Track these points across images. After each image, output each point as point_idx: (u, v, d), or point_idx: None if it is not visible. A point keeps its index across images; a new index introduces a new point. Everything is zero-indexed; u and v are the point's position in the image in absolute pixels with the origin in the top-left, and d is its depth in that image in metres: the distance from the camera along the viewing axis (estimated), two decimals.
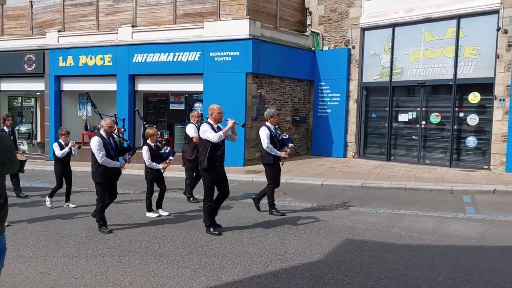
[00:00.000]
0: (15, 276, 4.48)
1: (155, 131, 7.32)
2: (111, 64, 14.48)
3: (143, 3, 14.46)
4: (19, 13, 16.83)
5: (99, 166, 6.18)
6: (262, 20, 13.16)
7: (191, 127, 8.29)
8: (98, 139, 6.20)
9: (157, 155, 7.12)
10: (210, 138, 5.83)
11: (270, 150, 7.02)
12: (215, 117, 6.04)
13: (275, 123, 7.32)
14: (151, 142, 7.16)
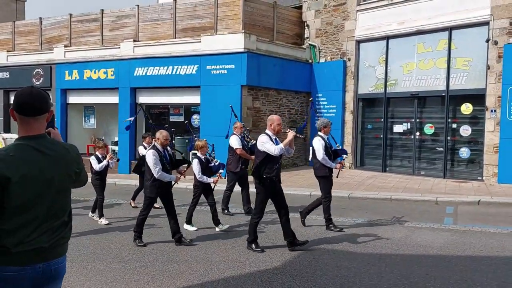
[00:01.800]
0: None
1: (205, 142, 7.05)
2: (114, 77, 14.98)
3: (145, 18, 14.97)
4: (30, 29, 17.59)
5: (154, 181, 5.97)
6: (259, 34, 13.47)
7: (234, 139, 8.05)
8: (154, 152, 5.97)
9: (207, 168, 6.89)
10: (270, 151, 5.49)
11: (325, 161, 6.67)
12: (274, 128, 5.68)
13: (328, 133, 7.02)
14: (201, 154, 6.91)
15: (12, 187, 2.06)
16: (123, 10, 15.48)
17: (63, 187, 2.29)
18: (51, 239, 2.20)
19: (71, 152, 2.36)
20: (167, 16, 14.58)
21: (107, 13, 15.66)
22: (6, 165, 2.06)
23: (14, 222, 2.10)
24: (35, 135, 2.21)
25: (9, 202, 2.07)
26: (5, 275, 2.10)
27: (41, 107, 2.21)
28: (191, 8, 14.20)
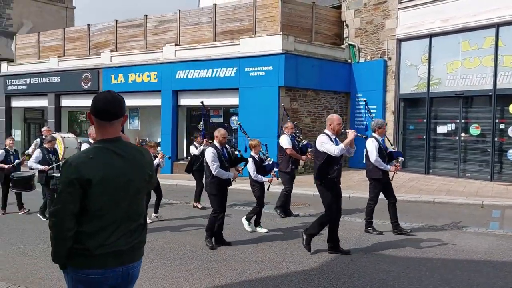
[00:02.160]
0: (37, 273, 5.12)
1: (258, 142, 7.01)
2: (157, 80, 15.47)
3: (186, 22, 15.37)
4: (78, 35, 18.49)
5: (213, 178, 6.01)
6: (297, 35, 13.49)
7: (284, 139, 8.01)
8: (213, 150, 6.02)
9: (261, 167, 6.88)
10: (330, 151, 5.34)
11: (378, 164, 6.47)
12: (333, 127, 5.52)
13: (383, 135, 6.81)
14: (255, 154, 6.91)
15: (92, 189, 2.10)
16: (165, 15, 15.96)
17: (139, 190, 2.30)
18: (129, 242, 2.22)
19: (145, 155, 2.39)
20: (207, 19, 14.89)
21: (150, 18, 16.20)
22: (87, 168, 2.10)
23: (94, 225, 2.14)
24: (111, 138, 2.24)
25: (89, 205, 2.11)
26: (89, 277, 2.15)
27: (117, 112, 2.25)
28: (230, 11, 14.43)
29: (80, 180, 2.08)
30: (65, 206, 2.10)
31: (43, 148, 8.27)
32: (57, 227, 2.13)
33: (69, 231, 2.12)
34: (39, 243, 6.41)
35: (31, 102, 19.77)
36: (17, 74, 19.57)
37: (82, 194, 2.10)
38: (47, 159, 8.06)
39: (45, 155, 8.07)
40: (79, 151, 2.66)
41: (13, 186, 8.39)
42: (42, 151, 8.14)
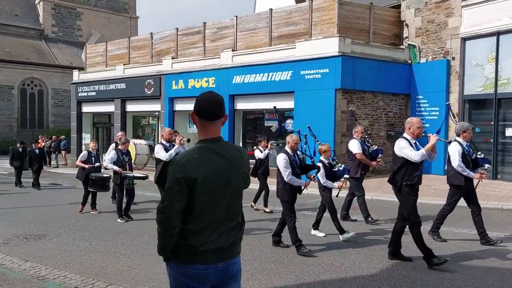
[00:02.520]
0: (108, 268, 5.51)
1: (328, 147, 6.84)
2: (214, 85, 15.92)
3: (243, 28, 15.69)
4: (142, 44, 19.49)
5: (285, 184, 5.93)
6: (354, 37, 13.32)
7: (354, 143, 7.79)
8: (285, 156, 5.92)
9: (330, 173, 6.67)
10: (411, 157, 5.07)
11: (461, 169, 6.09)
12: (413, 131, 5.24)
13: (468, 140, 6.38)
14: (325, 159, 6.74)
15: (197, 188, 2.19)
16: (223, 22, 16.40)
17: (238, 189, 2.38)
18: (229, 240, 2.31)
19: (243, 155, 2.44)
20: (263, 24, 15.11)
21: (208, 26, 16.72)
22: (193, 167, 2.19)
23: (198, 223, 2.24)
24: (213, 138, 2.31)
25: (193, 203, 2.21)
26: (192, 272, 2.26)
27: (219, 112, 2.32)
28: (286, 15, 14.54)
29: (187, 179, 2.17)
30: (172, 204, 2.21)
31: (117, 150, 8.77)
32: (164, 224, 2.25)
33: (175, 228, 2.23)
34: (109, 240, 6.87)
35: (99, 107, 21.11)
36: (87, 82, 20.99)
37: (188, 193, 2.20)
38: (121, 160, 8.53)
39: (119, 156, 8.54)
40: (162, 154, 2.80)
41: (91, 185, 9.04)
42: (116, 152, 8.63)
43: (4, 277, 5.16)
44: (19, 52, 31.55)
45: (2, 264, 5.67)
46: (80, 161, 9.47)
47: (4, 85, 30.49)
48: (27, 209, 9.81)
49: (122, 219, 8.37)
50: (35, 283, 4.96)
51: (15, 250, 6.34)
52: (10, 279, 5.07)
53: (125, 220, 8.31)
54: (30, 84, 31.85)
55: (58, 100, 32.76)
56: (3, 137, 29.63)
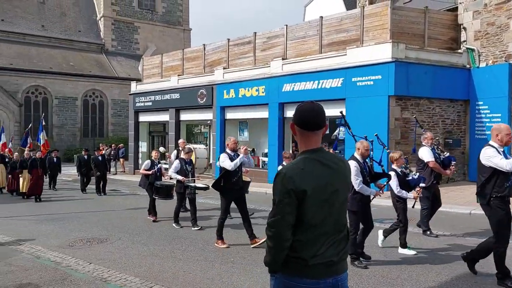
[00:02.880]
0: (165, 272, 5.73)
1: (400, 154, 6.42)
2: (264, 94, 16.10)
3: (293, 37, 15.78)
4: (195, 55, 20.14)
5: (355, 193, 5.68)
6: (407, 42, 12.97)
7: (425, 151, 7.39)
8: (356, 163, 5.67)
9: (404, 182, 6.27)
10: (501, 166, 4.68)
11: None
12: (501, 138, 4.84)
13: None
14: (397, 167, 6.30)
15: (306, 200, 2.13)
16: (273, 31, 16.58)
17: (344, 199, 2.32)
18: (338, 253, 2.22)
19: (347, 165, 2.39)
20: (314, 32, 15.10)
21: (259, 35, 16.98)
22: (301, 178, 2.13)
23: (308, 235, 2.16)
24: (316, 148, 2.25)
25: (303, 216, 2.15)
26: (300, 286, 2.16)
27: (321, 122, 2.26)
28: (337, 22, 14.44)
29: (296, 191, 2.12)
30: (283, 217, 2.15)
31: (181, 159, 8.85)
32: (276, 238, 2.18)
33: (287, 241, 2.16)
34: (165, 245, 7.15)
35: (155, 117, 22.00)
36: (144, 92, 21.98)
37: (297, 205, 2.14)
38: (184, 169, 8.64)
39: (182, 166, 8.65)
40: None
41: (156, 193, 9.27)
42: (180, 161, 8.74)
43: (71, 277, 5.53)
44: (82, 66, 33.67)
45: (68, 265, 6.08)
46: (143, 170, 9.75)
47: (69, 97, 32.63)
48: (90, 214, 10.41)
49: (178, 224, 8.61)
50: (99, 285, 5.26)
51: (79, 252, 6.77)
52: (76, 280, 5.42)
53: (180, 226, 8.55)
54: (92, 95, 33.83)
55: (117, 110, 34.54)
56: (67, 145, 31.64)
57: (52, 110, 31.79)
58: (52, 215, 10.25)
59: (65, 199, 13.37)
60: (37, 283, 5.32)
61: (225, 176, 6.99)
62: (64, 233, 8.23)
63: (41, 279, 5.47)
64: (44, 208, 11.55)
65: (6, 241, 7.57)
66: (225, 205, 7.04)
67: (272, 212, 2.20)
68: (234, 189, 7.04)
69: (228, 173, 6.96)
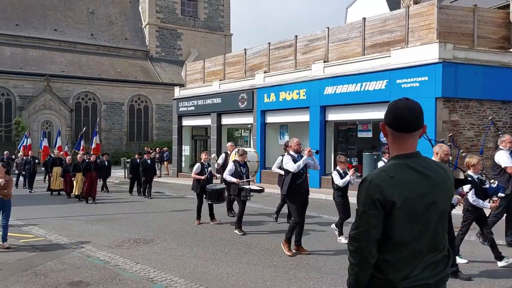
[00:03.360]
0: (209, 274, 5.82)
1: (478, 159, 6.10)
2: (305, 97, 16.02)
3: (334, 39, 15.61)
4: (236, 59, 20.37)
5: None
6: (455, 42, 12.49)
7: (503, 155, 6.92)
8: None
9: (480, 189, 5.88)
10: None
11: None
12: None
13: None
14: (473, 173, 5.94)
15: (395, 213, 1.85)
16: (314, 34, 16.49)
17: (443, 214, 1.97)
18: (435, 276, 1.90)
19: (449, 173, 2.03)
20: (356, 34, 14.87)
21: (300, 38, 16.93)
22: (389, 188, 1.85)
23: (396, 254, 1.87)
24: (410, 153, 1.95)
25: (391, 231, 1.87)
26: None
27: (418, 122, 1.97)
28: (381, 23, 14.15)
29: (383, 201, 1.84)
30: (368, 231, 1.88)
31: (235, 161, 8.68)
32: (359, 253, 1.91)
33: (372, 258, 1.89)
34: (209, 247, 7.26)
35: (197, 121, 22.44)
36: (187, 97, 22.47)
37: (384, 218, 1.86)
38: (238, 172, 8.50)
39: (237, 168, 8.51)
40: None
41: (208, 198, 9.18)
42: (234, 164, 8.59)
43: (119, 277, 5.73)
44: (128, 72, 34.95)
45: (117, 264, 6.30)
46: (194, 174, 9.55)
47: (116, 102, 33.95)
48: (136, 215, 10.75)
49: (240, 231, 8.24)
50: (145, 284, 5.42)
51: (127, 252, 7.01)
52: (124, 279, 5.62)
53: (242, 233, 8.16)
54: (137, 100, 35.00)
55: (161, 114, 35.54)
56: (114, 149, 32.89)
57: (100, 115, 33.17)
58: (101, 216, 10.69)
59: (113, 201, 13.89)
60: (87, 281, 5.56)
61: (288, 178, 6.81)
62: (112, 233, 8.55)
63: (91, 277, 5.71)
64: (93, 209, 12.06)
65: (59, 240, 7.97)
66: (294, 208, 6.80)
67: (355, 224, 1.94)
68: (300, 192, 6.85)
69: (292, 176, 6.77)
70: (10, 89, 30.05)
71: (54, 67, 32.00)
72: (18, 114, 29.66)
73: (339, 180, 7.32)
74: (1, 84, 29.74)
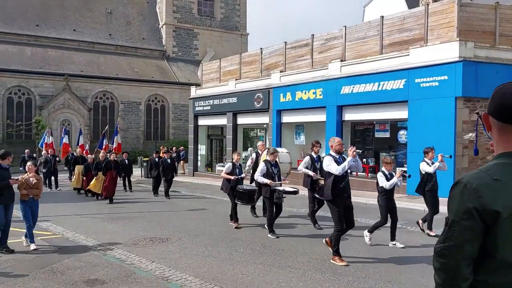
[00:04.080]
0: (224, 274, 5.78)
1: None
2: (322, 97, 15.88)
3: (352, 38, 15.43)
4: (252, 59, 20.33)
5: None
6: (476, 40, 12.22)
7: None
8: None
9: None
10: None
11: None
12: None
13: None
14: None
15: (500, 225, 1.46)
16: (331, 33, 16.33)
17: None
18: None
19: None
20: (374, 33, 14.67)
21: (316, 37, 16.80)
22: (491, 194, 1.47)
23: (501, 277, 1.48)
24: None
25: (493, 247, 1.48)
26: None
27: None
28: (399, 21, 13.92)
29: (483, 211, 1.47)
30: (459, 245, 1.50)
31: (266, 161, 8.21)
32: (447, 271, 1.54)
33: (464, 281, 1.50)
34: (223, 247, 7.23)
35: (213, 120, 22.49)
36: (203, 97, 22.55)
37: (484, 231, 1.48)
38: (270, 172, 8.02)
39: (268, 168, 8.06)
40: None
41: (238, 198, 8.79)
42: (265, 164, 8.13)
43: (135, 275, 5.75)
44: (145, 72, 35.28)
45: (132, 263, 6.33)
46: (225, 173, 9.11)
47: (133, 102, 34.31)
48: (152, 214, 10.81)
49: (273, 234, 7.87)
50: (160, 283, 5.42)
51: (143, 251, 7.03)
52: (139, 278, 5.63)
53: (275, 236, 7.80)
54: (154, 100, 35.30)
55: (177, 114, 35.77)
56: (132, 148, 33.24)
57: (118, 114, 33.56)
58: (117, 214, 10.78)
59: (129, 200, 13.99)
60: (103, 279, 5.59)
61: (330, 182, 6.24)
62: (128, 231, 8.61)
63: (107, 275, 5.74)
64: (110, 207, 12.18)
65: (76, 238, 8.05)
66: (338, 215, 6.20)
67: (443, 236, 1.56)
68: (342, 195, 6.26)
69: (334, 179, 6.20)
70: (31, 88, 30.65)
71: (73, 66, 32.51)
72: (38, 113, 30.22)
73: (385, 183, 6.95)
74: (22, 84, 30.35)
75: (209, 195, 14.79)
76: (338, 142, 6.49)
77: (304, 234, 8.14)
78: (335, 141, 6.44)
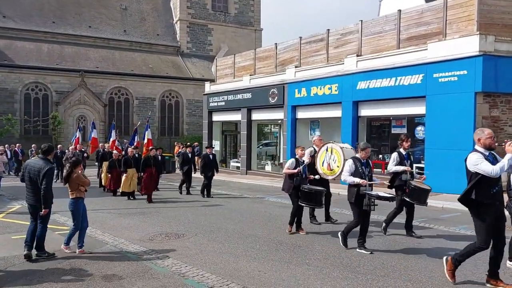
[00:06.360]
0: (240, 270, 5.75)
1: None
2: (337, 92, 15.71)
3: (368, 32, 15.21)
4: (267, 54, 20.22)
5: None
6: (497, 34, 11.93)
7: None
8: None
9: None
10: None
11: None
12: None
13: None
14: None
15: None
16: (347, 28, 16.13)
17: None
18: None
19: None
20: (391, 27, 14.44)
21: (332, 32, 16.61)
22: None
23: None
24: None
25: None
26: None
27: None
28: (417, 15, 13.67)
29: None
30: None
31: (355, 158, 6.76)
32: None
33: None
34: (240, 243, 7.20)
35: (227, 116, 22.47)
36: (217, 92, 22.54)
37: None
38: (359, 172, 6.57)
39: (357, 167, 6.61)
40: None
41: (302, 199, 7.62)
42: (354, 162, 6.68)
43: (151, 271, 5.75)
44: (160, 68, 35.39)
45: (149, 259, 6.34)
46: (287, 169, 7.92)
47: (148, 97, 34.47)
48: (168, 210, 10.82)
49: (366, 250, 6.49)
50: (177, 279, 5.41)
51: (159, 246, 7.04)
52: (156, 274, 5.63)
53: (369, 252, 6.43)
54: (168, 95, 35.41)
55: (192, 110, 35.83)
56: None
57: (132, 110, 33.76)
58: (133, 210, 10.84)
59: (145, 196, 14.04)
60: (120, 275, 5.60)
61: (478, 185, 4.74)
62: (144, 227, 8.64)
63: (124, 271, 5.75)
64: (126, 203, 12.25)
65: (93, 233, 8.11)
66: (485, 231, 4.76)
67: None
68: (495, 204, 4.80)
69: (485, 182, 4.71)
70: (47, 85, 31.02)
71: (88, 63, 32.78)
72: (54, 108, 30.59)
73: None
74: (39, 80, 30.73)
75: (224, 191, 14.79)
76: (489, 134, 4.84)
77: (322, 231, 8.06)
78: (485, 133, 4.84)
